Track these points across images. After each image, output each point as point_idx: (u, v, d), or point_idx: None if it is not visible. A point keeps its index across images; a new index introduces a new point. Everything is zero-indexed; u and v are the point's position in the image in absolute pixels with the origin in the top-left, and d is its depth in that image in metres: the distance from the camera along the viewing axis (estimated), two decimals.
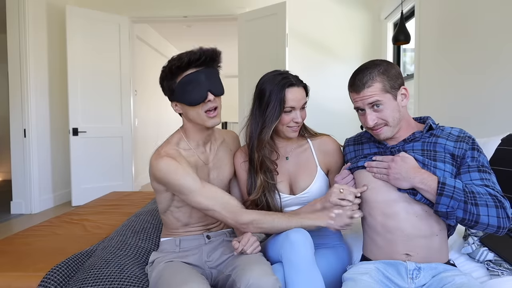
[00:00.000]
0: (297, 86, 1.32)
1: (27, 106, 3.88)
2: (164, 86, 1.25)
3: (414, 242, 1.13)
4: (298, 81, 1.34)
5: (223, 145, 1.41)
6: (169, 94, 1.26)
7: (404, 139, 1.22)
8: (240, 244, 1.20)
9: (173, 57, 1.21)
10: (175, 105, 1.26)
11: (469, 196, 1.05)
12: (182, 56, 1.20)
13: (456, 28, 2.77)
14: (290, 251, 1.13)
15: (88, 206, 2.35)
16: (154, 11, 4.64)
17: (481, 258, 1.22)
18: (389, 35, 4.21)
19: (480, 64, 2.46)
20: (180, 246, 1.32)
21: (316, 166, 1.38)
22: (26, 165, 3.91)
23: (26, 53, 3.83)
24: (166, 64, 1.22)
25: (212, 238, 1.35)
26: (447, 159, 1.15)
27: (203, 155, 1.33)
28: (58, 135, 4.34)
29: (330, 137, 1.43)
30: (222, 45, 6.91)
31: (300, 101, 1.31)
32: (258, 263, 1.12)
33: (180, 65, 1.18)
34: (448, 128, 1.23)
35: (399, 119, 1.20)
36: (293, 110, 1.31)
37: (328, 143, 1.40)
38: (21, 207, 3.94)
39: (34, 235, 1.76)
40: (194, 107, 1.22)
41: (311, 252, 1.14)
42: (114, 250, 1.38)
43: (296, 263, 1.12)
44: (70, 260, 1.36)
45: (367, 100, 1.18)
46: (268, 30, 4.17)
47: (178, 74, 1.20)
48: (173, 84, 1.21)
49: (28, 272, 1.33)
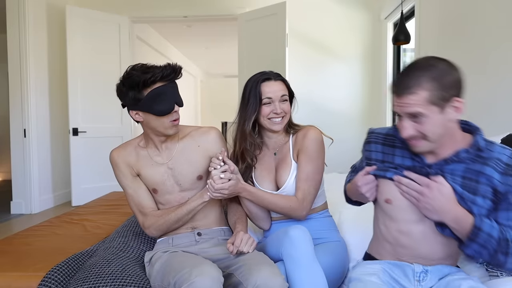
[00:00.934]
0: (274, 79, 1.40)
1: (27, 106, 3.88)
2: (127, 96, 1.29)
3: (426, 259, 1.08)
4: (276, 75, 1.42)
5: (187, 142, 1.42)
6: (131, 104, 1.30)
7: (445, 159, 1.03)
8: (234, 246, 1.21)
9: (139, 70, 1.27)
10: (136, 113, 1.32)
11: (502, 245, 0.95)
12: (152, 70, 1.27)
13: (456, 28, 2.77)
14: (290, 247, 1.15)
15: (88, 206, 2.35)
16: (154, 11, 4.64)
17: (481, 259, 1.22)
18: (389, 35, 4.21)
19: (480, 64, 2.46)
20: (173, 243, 1.36)
21: (291, 160, 1.41)
22: (26, 165, 3.91)
23: (26, 53, 3.83)
24: (129, 75, 1.27)
25: (204, 235, 1.37)
26: (488, 194, 0.99)
27: (159, 157, 1.39)
28: (58, 135, 4.34)
29: (311, 126, 1.43)
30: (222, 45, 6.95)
31: (277, 93, 1.39)
32: (265, 263, 1.12)
33: (154, 79, 1.26)
34: (498, 148, 1.02)
35: (442, 135, 1.00)
36: (271, 102, 1.38)
37: (305, 131, 1.41)
38: (21, 207, 3.94)
39: (34, 235, 1.76)
40: (161, 117, 1.31)
41: (311, 247, 1.16)
42: (115, 251, 1.38)
43: (297, 258, 1.13)
44: (70, 260, 1.36)
45: (406, 109, 0.98)
46: (268, 30, 4.17)
47: (147, 86, 1.27)
48: (140, 95, 1.27)
49: (28, 272, 1.33)
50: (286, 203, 1.34)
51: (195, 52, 8.48)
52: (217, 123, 9.19)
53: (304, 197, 1.35)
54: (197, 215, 1.38)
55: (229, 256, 1.24)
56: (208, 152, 1.42)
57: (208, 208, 1.41)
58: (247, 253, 1.21)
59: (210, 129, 1.48)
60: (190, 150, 1.41)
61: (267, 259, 1.18)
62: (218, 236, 1.40)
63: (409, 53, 4.16)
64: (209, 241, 1.36)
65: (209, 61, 9.56)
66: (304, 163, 1.36)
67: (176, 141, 1.41)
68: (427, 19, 3.27)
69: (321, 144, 1.39)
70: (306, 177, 1.36)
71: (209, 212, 1.42)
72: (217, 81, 11.53)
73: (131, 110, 1.33)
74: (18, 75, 3.86)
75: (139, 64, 1.31)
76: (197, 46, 7.89)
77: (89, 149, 4.18)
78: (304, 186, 1.35)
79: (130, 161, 1.39)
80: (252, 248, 1.22)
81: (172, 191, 1.38)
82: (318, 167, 1.38)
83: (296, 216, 1.37)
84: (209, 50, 8.24)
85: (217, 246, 1.32)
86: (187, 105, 9.77)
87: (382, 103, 4.43)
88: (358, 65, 4.58)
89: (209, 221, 1.41)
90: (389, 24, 4.25)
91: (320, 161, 1.39)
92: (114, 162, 1.40)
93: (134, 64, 1.32)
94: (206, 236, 1.37)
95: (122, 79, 1.30)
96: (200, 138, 1.44)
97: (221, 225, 1.45)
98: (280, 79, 1.42)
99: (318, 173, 1.38)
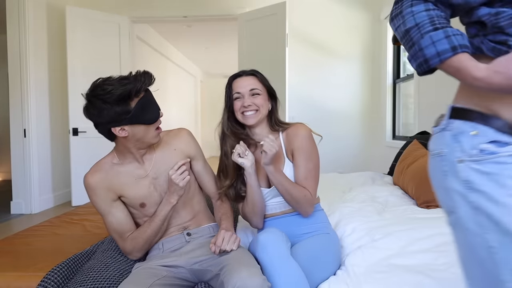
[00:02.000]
0: (244, 75, 1.43)
1: (27, 106, 3.88)
2: (111, 112, 1.20)
3: None
4: (249, 71, 1.45)
5: (164, 148, 1.41)
6: (116, 120, 1.22)
7: None
8: (216, 246, 1.21)
9: (116, 83, 1.20)
10: (121, 129, 1.24)
11: None
12: (131, 80, 1.22)
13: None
14: (261, 252, 1.17)
15: (88, 206, 2.35)
16: (154, 11, 4.64)
17: None
18: (389, 35, 4.21)
19: None
20: (164, 248, 1.35)
21: (284, 157, 1.41)
22: (26, 165, 3.91)
23: (26, 53, 3.83)
24: (108, 91, 1.18)
25: (194, 235, 1.38)
26: None
27: (141, 169, 1.36)
28: (58, 135, 4.35)
29: (301, 124, 1.44)
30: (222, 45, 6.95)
31: (246, 87, 1.41)
32: (246, 264, 1.12)
33: (139, 88, 1.22)
34: None
35: None
36: (241, 97, 1.40)
37: (295, 129, 1.42)
38: (21, 207, 3.94)
39: (34, 235, 1.76)
40: (149, 126, 1.28)
41: (283, 247, 1.18)
42: (113, 254, 1.38)
43: (269, 262, 1.15)
44: (70, 261, 1.36)
45: None
46: (268, 30, 4.17)
47: (134, 97, 1.23)
48: (128, 107, 1.22)
49: (28, 272, 1.33)
50: (300, 192, 1.34)
51: (195, 52, 8.49)
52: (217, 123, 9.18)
53: (314, 192, 1.38)
54: (185, 216, 1.39)
55: (214, 256, 1.24)
56: (184, 153, 1.43)
57: (194, 207, 1.43)
58: (231, 251, 1.21)
59: (180, 130, 1.49)
60: (169, 155, 1.40)
61: (249, 259, 1.18)
62: (207, 234, 1.40)
63: None
64: (197, 239, 1.37)
65: (209, 61, 9.56)
66: (305, 162, 1.38)
67: (153, 150, 1.39)
68: None
69: (313, 140, 1.42)
70: (309, 175, 1.38)
71: (195, 211, 1.43)
72: (217, 81, 11.53)
73: (114, 127, 1.23)
74: (18, 75, 3.86)
75: (102, 78, 1.23)
76: (197, 46, 7.89)
77: (89, 149, 4.18)
78: (310, 183, 1.37)
79: (110, 184, 1.31)
80: (236, 245, 1.22)
81: (160, 201, 1.36)
82: (316, 163, 1.41)
83: (305, 209, 1.37)
84: (209, 50, 8.24)
85: (204, 246, 1.32)
86: (187, 106, 9.78)
87: (382, 103, 4.43)
88: (358, 65, 4.58)
89: (197, 219, 1.42)
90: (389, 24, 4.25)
91: (316, 157, 1.41)
92: (90, 187, 1.30)
93: (96, 81, 1.23)
94: (195, 235, 1.38)
95: (99, 97, 1.19)
96: (174, 141, 1.43)
97: (209, 222, 1.45)
98: (252, 74, 1.44)
99: (317, 169, 1.42)
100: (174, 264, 1.27)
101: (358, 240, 1.44)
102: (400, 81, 4.20)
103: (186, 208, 1.41)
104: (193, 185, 1.45)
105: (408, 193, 2.02)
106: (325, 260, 1.29)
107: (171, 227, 1.39)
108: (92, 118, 1.24)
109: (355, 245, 1.42)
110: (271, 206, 1.43)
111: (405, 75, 4.14)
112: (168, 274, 1.22)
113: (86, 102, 1.23)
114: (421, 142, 2.36)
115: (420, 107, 3.39)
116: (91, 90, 1.23)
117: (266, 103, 1.43)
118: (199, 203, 1.46)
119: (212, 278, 1.21)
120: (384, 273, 1.18)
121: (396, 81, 4.27)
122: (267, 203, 1.43)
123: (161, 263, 1.26)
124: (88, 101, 1.23)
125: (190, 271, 1.26)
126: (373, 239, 1.40)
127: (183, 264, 1.27)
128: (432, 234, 1.35)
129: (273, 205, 1.43)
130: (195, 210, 1.43)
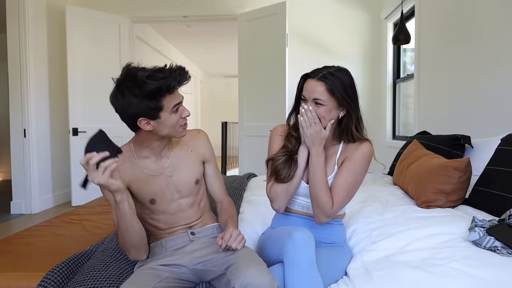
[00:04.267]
0: (315, 79, 1.33)
1: (27, 106, 3.88)
2: (141, 106, 1.16)
3: None
4: (319, 75, 1.33)
5: (181, 148, 1.40)
6: (148, 114, 1.19)
7: None
8: (223, 240, 1.19)
9: (154, 76, 1.16)
10: (147, 123, 1.21)
11: None
12: (169, 74, 1.18)
13: (456, 28, 2.77)
14: (292, 249, 1.13)
15: (88, 206, 2.35)
16: (154, 11, 4.64)
17: (488, 244, 1.22)
18: (389, 35, 4.21)
19: (480, 64, 2.46)
20: (166, 246, 1.34)
21: (335, 164, 1.38)
22: (26, 165, 3.91)
23: (26, 53, 3.84)
24: (144, 83, 1.14)
25: (197, 234, 1.37)
26: None
27: (156, 165, 1.34)
28: (58, 135, 4.35)
29: (368, 142, 1.37)
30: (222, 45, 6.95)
31: (310, 94, 1.32)
32: (254, 262, 1.11)
33: (173, 86, 1.19)
34: None
35: None
36: (306, 99, 1.33)
37: (358, 144, 1.36)
38: (21, 207, 3.94)
39: (34, 235, 1.76)
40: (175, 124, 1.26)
41: (312, 253, 1.15)
42: (114, 253, 1.38)
43: (297, 263, 1.12)
44: (70, 261, 1.36)
45: None
46: (268, 30, 4.17)
47: (166, 94, 1.19)
48: (159, 104, 1.19)
49: (28, 272, 1.33)
50: (325, 196, 1.29)
51: (195, 52, 8.49)
52: (217, 123, 9.19)
53: (336, 205, 1.32)
54: (192, 216, 1.38)
55: (219, 255, 1.23)
56: (199, 156, 1.42)
57: (201, 208, 1.42)
58: (236, 249, 1.20)
59: (199, 132, 1.48)
60: (186, 155, 1.39)
61: (256, 257, 1.17)
62: (210, 234, 1.40)
63: (409, 53, 4.16)
64: (201, 239, 1.36)
65: (209, 61, 9.56)
66: (347, 173, 1.33)
67: (172, 148, 1.38)
68: (427, 19, 3.27)
69: (369, 162, 1.36)
70: (344, 188, 1.32)
71: (201, 210, 1.43)
72: (217, 81, 11.53)
73: (140, 119, 1.20)
74: (18, 75, 3.86)
75: (136, 66, 1.19)
76: (197, 46, 7.89)
77: None
78: (342, 195, 1.32)
79: (122, 173, 1.25)
80: (241, 246, 1.21)
81: (171, 200, 1.35)
82: (357, 182, 1.35)
83: (317, 216, 1.33)
84: (209, 50, 8.24)
85: (208, 246, 1.32)
86: (187, 105, 9.75)
87: (382, 103, 4.43)
88: (358, 65, 4.58)
89: (203, 219, 1.42)
90: (389, 24, 4.25)
91: (361, 178, 1.35)
92: None
93: (129, 66, 1.19)
94: (199, 234, 1.37)
95: (130, 88, 1.15)
96: (192, 142, 1.43)
97: (212, 222, 1.45)
98: (321, 80, 1.31)
99: (355, 188, 1.36)
100: (176, 263, 1.26)
101: (358, 243, 1.43)
102: (400, 81, 4.20)
103: (193, 208, 1.40)
104: (202, 188, 1.45)
105: (408, 193, 2.02)
106: (333, 272, 1.27)
107: (176, 226, 1.37)
108: (118, 107, 1.20)
109: (355, 250, 1.42)
110: (300, 203, 1.42)
111: (405, 75, 4.14)
112: (171, 275, 1.22)
113: (115, 88, 1.19)
114: (421, 142, 2.35)
115: (420, 107, 3.39)
116: (123, 77, 1.18)
117: (331, 114, 1.32)
118: (205, 205, 1.46)
119: (215, 279, 1.20)
120: (383, 270, 1.18)
121: (396, 81, 4.27)
122: (299, 199, 1.41)
123: (163, 262, 1.26)
124: (117, 87, 1.18)
125: (192, 271, 1.26)
126: (373, 241, 1.40)
127: (186, 264, 1.26)
128: (432, 234, 1.35)
129: (303, 203, 1.41)
130: (202, 211, 1.43)
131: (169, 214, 1.36)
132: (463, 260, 1.13)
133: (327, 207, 1.30)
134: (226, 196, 1.50)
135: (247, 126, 4.48)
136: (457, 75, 2.75)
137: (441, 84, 3.00)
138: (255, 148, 4.29)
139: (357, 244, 1.44)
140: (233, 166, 8.21)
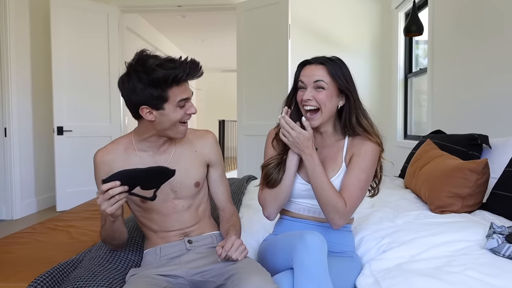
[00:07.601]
0: (314, 64, 1.43)
1: (8, 103, 3.88)
2: (144, 93, 1.21)
3: None
4: (318, 59, 1.45)
5: (185, 146, 1.41)
6: (152, 103, 1.23)
7: None
8: (223, 249, 1.19)
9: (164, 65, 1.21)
10: (150, 112, 1.25)
11: None
12: (179, 66, 1.22)
13: (473, 17, 2.77)
14: (303, 253, 1.13)
15: (74, 212, 2.35)
16: (145, 0, 4.65)
17: (507, 252, 1.22)
18: (401, 26, 4.22)
19: (500, 57, 2.46)
20: (161, 254, 1.35)
21: (342, 161, 1.39)
22: (7, 167, 3.91)
23: (6, 45, 3.83)
24: (151, 70, 1.20)
25: (195, 242, 1.37)
26: None
27: (152, 158, 1.35)
28: (42, 135, 4.35)
29: (373, 138, 1.38)
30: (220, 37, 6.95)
31: (310, 77, 1.38)
32: (256, 271, 1.12)
33: (180, 77, 1.22)
34: None
35: None
36: (304, 87, 1.38)
37: (366, 138, 1.38)
38: (2, 212, 3.94)
39: (16, 242, 1.76)
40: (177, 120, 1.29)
41: (325, 258, 1.15)
42: (102, 262, 1.38)
43: (309, 267, 1.12)
44: (55, 271, 1.36)
45: None
46: (270, 21, 4.17)
47: (174, 85, 1.23)
48: (164, 94, 1.22)
49: (10, 283, 1.33)
50: (334, 198, 1.28)
51: (190, 44, 8.50)
52: (213, 121, 9.20)
53: (351, 205, 1.30)
54: (188, 221, 1.39)
55: (218, 265, 1.23)
56: (204, 158, 1.42)
57: (199, 213, 1.42)
58: (236, 260, 1.20)
59: (207, 133, 1.48)
60: (188, 154, 1.40)
61: (258, 266, 1.18)
62: (209, 243, 1.40)
63: (422, 46, 4.17)
64: (199, 248, 1.36)
65: (206, 55, 9.56)
66: (358, 170, 1.33)
67: (174, 144, 1.39)
68: (441, 8, 3.27)
69: (378, 158, 1.38)
70: (356, 185, 1.32)
71: (199, 217, 1.43)
72: (214, 76, 11.54)
73: (142, 107, 1.24)
74: None
75: (149, 53, 1.25)
76: (192, 38, 7.90)
77: (75, 150, 4.19)
78: (356, 193, 1.32)
79: (115, 167, 1.29)
80: (242, 256, 1.21)
81: (166, 199, 1.36)
82: (368, 179, 1.36)
83: (332, 220, 1.31)
84: (205, 42, 8.25)
85: (207, 256, 1.32)
86: None
87: (392, 100, 4.43)
88: (367, 58, 4.59)
89: (200, 226, 1.42)
90: (401, 14, 4.26)
91: (371, 174, 1.37)
92: (97, 164, 1.35)
93: (142, 52, 1.25)
94: (197, 243, 1.37)
95: (138, 73, 1.20)
96: (198, 142, 1.43)
97: (212, 230, 1.45)
98: (321, 63, 1.41)
99: (366, 186, 1.36)
100: (173, 273, 1.26)
101: (367, 253, 1.44)
102: (412, 76, 4.20)
103: (190, 212, 1.40)
104: (203, 192, 1.45)
105: (421, 197, 2.02)
106: (341, 287, 1.27)
107: (171, 231, 1.37)
108: (123, 91, 1.26)
109: (364, 259, 1.42)
110: (306, 207, 1.41)
111: (417, 70, 4.14)
112: (168, 285, 1.22)
113: (125, 73, 1.25)
114: (435, 142, 2.36)
115: (433, 104, 3.40)
116: (134, 61, 1.24)
117: (332, 101, 1.36)
118: (205, 210, 1.46)
119: None
120: (393, 278, 1.18)
121: (408, 76, 4.28)
122: (302, 201, 1.41)
123: (159, 272, 1.26)
124: (126, 71, 1.24)
125: (190, 282, 1.26)
126: (383, 250, 1.40)
127: (183, 275, 1.27)
128: (447, 241, 1.35)
129: (305, 206, 1.41)
130: (199, 216, 1.42)
131: (162, 215, 1.36)
132: (480, 268, 1.14)
133: (340, 208, 1.28)
134: (230, 204, 1.50)
135: (247, 125, 4.48)
136: (474, 69, 2.75)
137: (457, 79, 3.01)
138: (255, 149, 4.29)
139: (366, 253, 1.44)
140: (231, 168, 8.22)
